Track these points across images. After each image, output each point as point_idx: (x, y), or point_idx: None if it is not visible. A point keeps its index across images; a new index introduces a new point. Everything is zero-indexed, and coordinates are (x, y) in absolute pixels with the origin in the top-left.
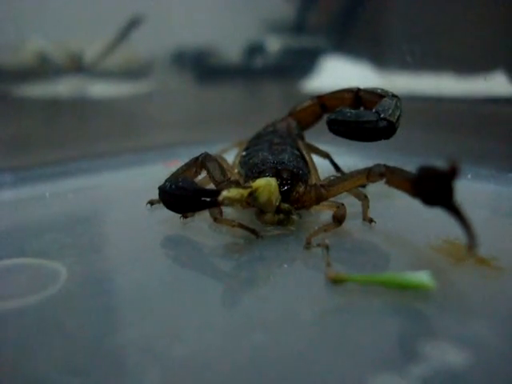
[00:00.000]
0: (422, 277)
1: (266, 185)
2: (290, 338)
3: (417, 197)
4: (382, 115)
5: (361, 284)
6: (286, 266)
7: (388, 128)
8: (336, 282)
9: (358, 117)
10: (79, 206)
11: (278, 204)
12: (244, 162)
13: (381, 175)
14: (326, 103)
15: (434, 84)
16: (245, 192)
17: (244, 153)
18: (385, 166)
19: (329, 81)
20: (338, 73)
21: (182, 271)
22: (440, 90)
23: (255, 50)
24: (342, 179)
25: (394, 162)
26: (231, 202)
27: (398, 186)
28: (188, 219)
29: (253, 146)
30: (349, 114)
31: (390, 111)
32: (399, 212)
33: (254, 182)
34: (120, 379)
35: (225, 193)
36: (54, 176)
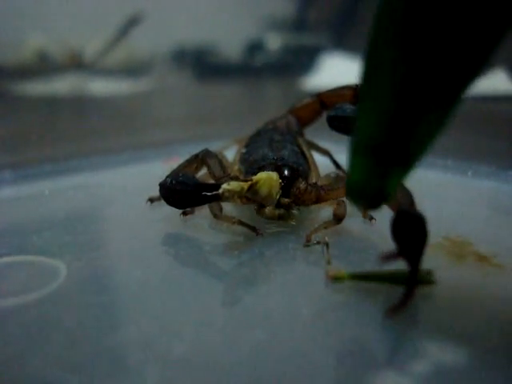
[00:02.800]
0: (422, 274)
1: (267, 178)
2: (290, 336)
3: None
4: None
5: (361, 281)
6: (285, 263)
7: None
8: (336, 279)
9: None
10: (79, 203)
11: (278, 198)
12: (244, 159)
13: None
14: (325, 101)
15: None
16: (245, 185)
17: (244, 150)
18: None
19: (329, 78)
20: (338, 70)
21: (182, 269)
22: None
23: (255, 47)
24: (343, 184)
25: None
26: (231, 194)
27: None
28: (188, 216)
29: (253, 142)
30: (349, 111)
31: None
32: None
33: (254, 175)
34: (120, 377)
35: (225, 185)
36: (54, 173)
